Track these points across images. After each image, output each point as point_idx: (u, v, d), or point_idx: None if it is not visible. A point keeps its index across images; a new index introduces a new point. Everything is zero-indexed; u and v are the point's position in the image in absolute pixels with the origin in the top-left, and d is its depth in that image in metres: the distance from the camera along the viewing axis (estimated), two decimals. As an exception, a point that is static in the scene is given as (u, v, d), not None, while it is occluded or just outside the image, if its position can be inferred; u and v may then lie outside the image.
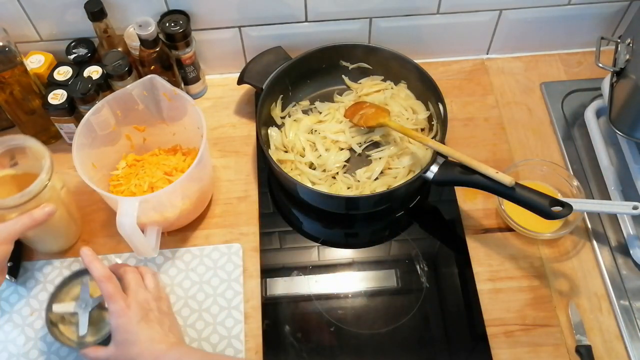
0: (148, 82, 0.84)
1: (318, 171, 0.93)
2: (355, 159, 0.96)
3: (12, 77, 0.88)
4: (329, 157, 0.94)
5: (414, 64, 0.96)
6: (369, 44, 1.01)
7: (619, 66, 0.87)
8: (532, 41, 1.08)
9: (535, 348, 0.80)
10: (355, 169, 0.94)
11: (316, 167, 0.94)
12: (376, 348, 0.81)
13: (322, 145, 0.95)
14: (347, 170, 0.94)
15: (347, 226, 0.94)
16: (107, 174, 0.90)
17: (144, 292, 0.74)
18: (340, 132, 0.97)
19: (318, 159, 0.94)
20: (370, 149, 0.96)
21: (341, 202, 0.90)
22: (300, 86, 1.02)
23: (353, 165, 0.95)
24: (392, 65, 1.00)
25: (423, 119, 0.97)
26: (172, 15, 0.95)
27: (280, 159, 0.94)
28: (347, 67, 1.02)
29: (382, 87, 1.01)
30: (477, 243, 0.89)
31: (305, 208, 0.93)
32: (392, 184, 0.90)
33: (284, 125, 0.98)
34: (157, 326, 0.72)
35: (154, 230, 0.83)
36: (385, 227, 0.93)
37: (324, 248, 0.90)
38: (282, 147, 0.96)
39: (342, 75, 1.03)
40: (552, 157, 0.97)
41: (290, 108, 1.02)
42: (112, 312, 0.71)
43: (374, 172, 0.92)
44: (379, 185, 0.91)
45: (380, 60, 1.00)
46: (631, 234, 0.86)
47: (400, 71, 1.00)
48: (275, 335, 0.82)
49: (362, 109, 0.96)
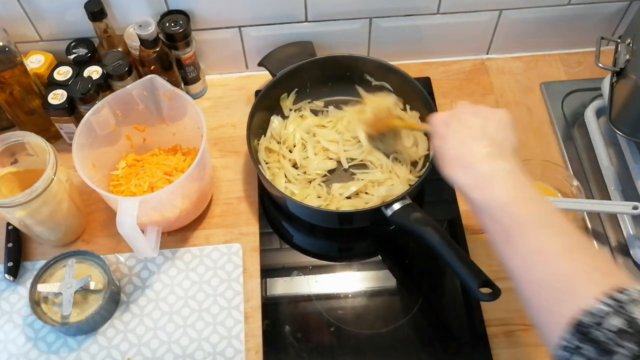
0: (148, 82, 0.84)
1: (299, 171, 0.92)
2: (340, 172, 0.93)
3: (12, 77, 0.88)
4: (313, 162, 0.93)
5: (430, 103, 0.91)
6: (393, 66, 0.95)
7: (619, 66, 0.87)
8: (532, 41, 1.08)
9: (535, 348, 0.80)
10: (335, 182, 0.91)
11: (299, 167, 0.93)
12: (376, 348, 0.81)
13: (312, 149, 0.94)
14: (326, 180, 0.92)
15: (343, 240, 0.94)
16: (107, 174, 0.90)
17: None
18: (333, 142, 0.95)
19: (303, 160, 0.93)
20: (357, 168, 0.93)
21: (308, 212, 0.88)
22: (319, 86, 1.00)
23: (334, 178, 0.93)
24: (410, 92, 0.95)
25: (420, 153, 0.93)
26: (172, 15, 0.95)
27: (269, 148, 0.94)
28: (371, 82, 0.99)
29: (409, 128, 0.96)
30: (477, 243, 0.89)
31: (297, 219, 0.92)
32: (359, 207, 0.87)
33: (288, 118, 0.98)
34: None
35: (154, 230, 0.83)
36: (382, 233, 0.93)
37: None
38: (277, 137, 0.96)
39: (357, 85, 0.99)
40: (552, 157, 0.97)
41: (303, 103, 1.00)
42: None
43: (347, 190, 0.89)
44: (346, 205, 0.88)
45: (400, 84, 0.96)
46: (631, 234, 0.86)
47: (417, 103, 0.96)
48: (275, 335, 0.82)
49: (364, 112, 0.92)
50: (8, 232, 0.88)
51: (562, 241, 0.56)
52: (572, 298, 0.51)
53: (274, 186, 0.86)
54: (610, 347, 0.47)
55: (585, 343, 0.48)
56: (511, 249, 0.59)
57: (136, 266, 0.87)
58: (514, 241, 0.59)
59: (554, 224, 0.58)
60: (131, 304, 0.84)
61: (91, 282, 0.81)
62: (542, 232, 0.58)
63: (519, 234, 0.58)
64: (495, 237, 0.61)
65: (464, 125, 0.68)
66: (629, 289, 0.49)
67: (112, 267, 0.86)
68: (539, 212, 0.60)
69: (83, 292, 0.82)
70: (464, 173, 0.65)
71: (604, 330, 0.47)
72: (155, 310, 0.84)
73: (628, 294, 0.49)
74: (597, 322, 0.48)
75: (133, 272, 0.87)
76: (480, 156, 0.65)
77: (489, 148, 0.65)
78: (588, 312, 0.49)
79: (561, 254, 0.55)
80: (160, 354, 0.80)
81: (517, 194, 0.61)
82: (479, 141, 0.66)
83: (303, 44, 1.00)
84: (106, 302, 0.80)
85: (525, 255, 0.57)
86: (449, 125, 0.69)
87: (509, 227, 0.59)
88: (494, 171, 0.63)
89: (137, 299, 0.84)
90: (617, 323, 0.47)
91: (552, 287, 0.54)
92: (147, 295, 0.85)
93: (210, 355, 0.80)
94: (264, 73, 0.99)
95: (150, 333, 0.82)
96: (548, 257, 0.55)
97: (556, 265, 0.54)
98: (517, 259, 0.58)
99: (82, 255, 0.84)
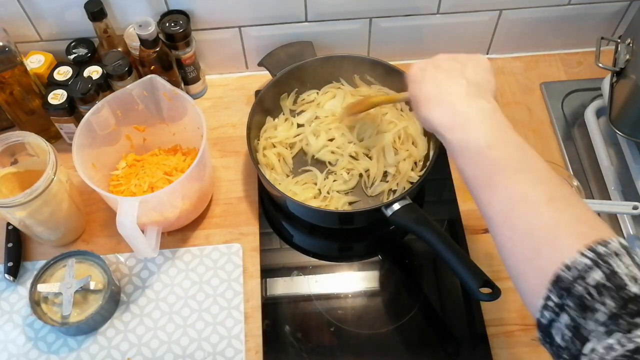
0: (148, 82, 0.84)
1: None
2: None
3: (12, 77, 0.88)
4: (314, 146, 0.93)
5: None
6: (393, 66, 0.95)
7: (619, 66, 0.87)
8: (532, 41, 1.08)
9: (535, 348, 0.80)
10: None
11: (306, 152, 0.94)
12: (376, 348, 0.81)
13: (312, 133, 0.94)
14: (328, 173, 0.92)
15: (343, 240, 0.94)
16: (107, 174, 0.90)
17: None
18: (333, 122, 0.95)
19: (305, 146, 0.94)
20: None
21: (308, 212, 0.89)
22: (319, 86, 1.00)
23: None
24: None
25: (419, 154, 0.92)
26: (172, 15, 0.95)
27: (270, 137, 0.95)
28: (371, 82, 0.99)
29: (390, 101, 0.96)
30: (477, 243, 0.89)
31: (297, 219, 0.92)
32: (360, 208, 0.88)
33: (287, 121, 0.98)
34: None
35: (154, 230, 0.83)
36: (382, 233, 0.93)
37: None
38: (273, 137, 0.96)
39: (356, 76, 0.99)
40: (552, 157, 0.97)
41: (300, 102, 1.00)
42: None
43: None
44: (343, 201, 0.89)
45: (400, 85, 0.93)
46: (631, 234, 0.86)
47: None
48: (275, 335, 0.82)
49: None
50: (8, 232, 0.88)
51: (545, 189, 0.54)
52: (553, 251, 0.49)
53: (274, 186, 0.86)
54: (590, 303, 0.46)
55: (568, 299, 0.47)
56: (491, 195, 0.56)
57: (136, 266, 0.87)
58: (494, 186, 0.56)
59: (536, 170, 0.56)
60: (131, 304, 0.84)
61: (91, 282, 0.81)
62: (524, 177, 0.55)
63: (499, 179, 0.56)
64: (473, 181, 0.59)
65: (441, 70, 0.66)
66: (610, 241, 0.48)
67: (112, 267, 0.86)
68: (521, 157, 0.57)
69: (83, 292, 0.82)
70: (440, 112, 0.62)
71: (585, 284, 0.46)
72: (155, 310, 0.84)
73: (609, 246, 0.47)
74: (579, 276, 0.47)
75: (133, 272, 0.87)
76: (458, 95, 0.62)
77: (467, 87, 0.62)
78: (570, 266, 0.47)
79: (543, 202, 0.52)
80: (160, 354, 0.80)
81: (498, 135, 0.58)
82: (457, 80, 0.63)
83: (303, 44, 1.00)
84: (106, 302, 0.80)
85: (505, 202, 0.55)
86: (426, 70, 0.67)
87: (489, 171, 0.57)
88: (472, 111, 0.60)
89: (137, 299, 0.84)
90: (597, 276, 0.46)
91: (533, 237, 0.52)
92: (147, 295, 0.85)
93: (210, 355, 0.80)
94: (264, 73, 0.99)
95: (150, 333, 0.82)
96: (530, 205, 0.53)
97: (538, 214, 0.52)
98: (497, 205, 0.55)
99: (82, 255, 0.84)
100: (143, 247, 0.78)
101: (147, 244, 0.79)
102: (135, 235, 0.74)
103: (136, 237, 0.75)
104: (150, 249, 0.80)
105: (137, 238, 0.75)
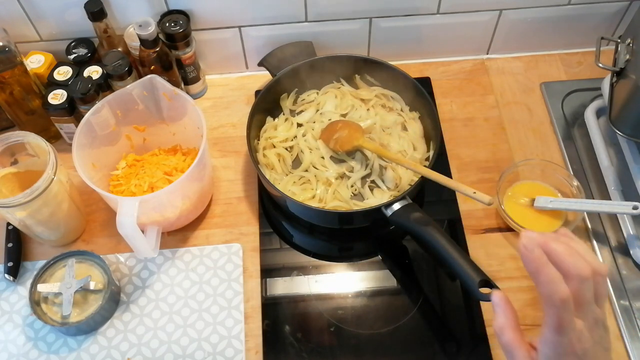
0: (148, 82, 0.84)
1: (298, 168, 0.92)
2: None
3: (12, 77, 0.88)
4: (309, 156, 0.93)
5: (430, 105, 0.91)
6: (393, 66, 0.95)
7: (619, 66, 0.87)
8: (532, 41, 1.08)
9: (535, 348, 0.80)
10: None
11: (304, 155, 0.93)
12: (376, 348, 0.81)
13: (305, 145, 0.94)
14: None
15: (343, 240, 0.94)
16: (107, 174, 0.90)
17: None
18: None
19: (300, 153, 0.94)
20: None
21: (308, 212, 0.89)
22: (319, 86, 1.00)
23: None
24: (409, 93, 0.96)
25: (419, 158, 0.92)
26: (172, 15, 0.95)
27: (270, 137, 0.95)
28: (371, 82, 0.99)
29: (388, 103, 0.98)
30: (477, 243, 0.89)
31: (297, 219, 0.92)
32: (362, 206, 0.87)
33: (287, 121, 0.98)
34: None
35: (154, 230, 0.83)
36: (382, 233, 0.93)
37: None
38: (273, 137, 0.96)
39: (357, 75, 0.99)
40: (552, 157, 0.97)
41: (300, 102, 1.00)
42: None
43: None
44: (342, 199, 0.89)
45: (400, 85, 0.96)
46: (631, 234, 0.86)
47: (416, 103, 0.96)
48: (275, 335, 0.82)
49: (336, 131, 0.92)
50: (8, 232, 0.88)
51: None
52: None
53: (274, 186, 0.86)
54: None
55: None
56: None
57: (136, 266, 0.87)
58: None
59: None
60: (131, 304, 0.84)
61: (91, 282, 0.81)
62: None
63: None
64: None
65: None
66: None
67: (112, 267, 0.86)
68: None
69: (83, 292, 0.82)
70: None
71: None
72: (155, 310, 0.84)
73: None
74: None
75: (133, 272, 0.87)
76: None
77: None
78: None
79: None
80: (160, 354, 0.80)
81: None
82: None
83: (303, 44, 1.00)
84: (106, 302, 0.80)
85: None
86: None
87: None
88: None
89: (137, 299, 0.84)
90: None
91: None
92: (147, 295, 0.85)
93: (210, 355, 0.80)
94: (264, 73, 1.00)
95: (150, 333, 0.82)
96: None
97: None
98: None
99: (82, 255, 0.84)
100: (143, 247, 0.78)
101: (147, 244, 0.79)
102: (135, 235, 0.74)
103: (136, 237, 0.75)
104: (150, 249, 0.80)
105: (137, 238, 0.75)
